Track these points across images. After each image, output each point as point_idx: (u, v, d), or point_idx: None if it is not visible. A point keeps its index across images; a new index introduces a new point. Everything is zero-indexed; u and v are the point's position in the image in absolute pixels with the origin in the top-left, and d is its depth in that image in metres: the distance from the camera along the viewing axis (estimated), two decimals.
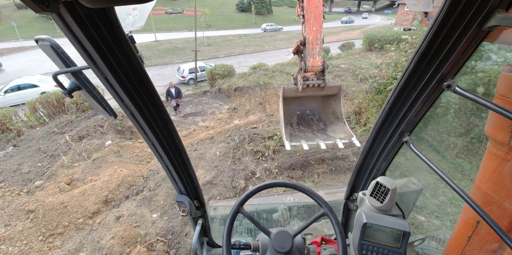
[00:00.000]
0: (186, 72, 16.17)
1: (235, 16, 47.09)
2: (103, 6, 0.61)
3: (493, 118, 1.04)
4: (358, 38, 31.52)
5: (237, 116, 10.07)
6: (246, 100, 11.23)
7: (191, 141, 8.14)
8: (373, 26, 42.58)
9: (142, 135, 1.05)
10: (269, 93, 10.91)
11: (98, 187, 5.53)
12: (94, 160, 6.56)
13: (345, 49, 19.93)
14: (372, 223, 1.16)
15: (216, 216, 1.84)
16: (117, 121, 8.38)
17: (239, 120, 9.28)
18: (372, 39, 16.93)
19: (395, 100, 1.09)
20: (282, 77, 12.17)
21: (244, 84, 11.92)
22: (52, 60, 0.81)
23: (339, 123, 4.62)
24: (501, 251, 1.07)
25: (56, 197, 5.30)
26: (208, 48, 27.93)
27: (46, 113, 9.09)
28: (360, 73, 11.56)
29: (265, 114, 9.66)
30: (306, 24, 3.81)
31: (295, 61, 14.89)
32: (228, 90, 12.19)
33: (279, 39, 33.15)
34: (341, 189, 4.23)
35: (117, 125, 8.30)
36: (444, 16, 0.76)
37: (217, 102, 12.21)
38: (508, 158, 0.98)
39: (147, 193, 5.43)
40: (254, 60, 22.35)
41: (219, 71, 13.28)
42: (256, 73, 12.93)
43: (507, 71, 0.92)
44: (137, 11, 0.87)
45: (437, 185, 2.46)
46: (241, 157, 6.12)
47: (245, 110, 10.40)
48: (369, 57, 15.36)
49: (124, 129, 8.44)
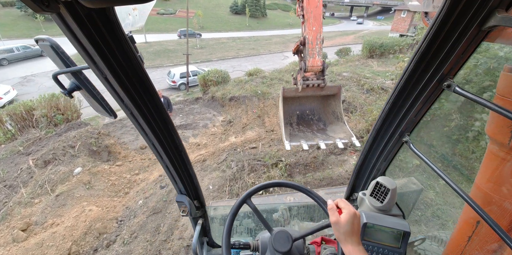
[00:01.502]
0: (177, 76, 15.13)
1: (228, 18, 46.68)
2: (103, 6, 0.61)
3: (493, 118, 1.04)
4: (353, 43, 31.34)
5: (233, 131, 8.92)
6: (243, 112, 10.01)
7: None
8: (366, 31, 42.78)
9: (142, 134, 1.05)
10: (267, 104, 9.82)
11: (60, 235, 4.47)
12: (58, 195, 5.31)
13: (342, 55, 19.67)
14: (372, 223, 1.16)
15: (216, 216, 1.85)
16: (92, 140, 7.08)
17: (236, 138, 8.26)
18: (373, 46, 16.63)
19: (395, 100, 1.09)
20: (281, 86, 10.66)
21: (240, 93, 10.71)
22: (52, 60, 0.81)
23: (339, 123, 4.62)
24: (501, 251, 1.07)
25: (7, 250, 4.25)
26: (201, 51, 27.20)
27: (15, 127, 7.99)
28: (366, 83, 10.68)
29: (264, 129, 8.66)
30: (305, 24, 3.81)
31: (293, 67, 14.07)
32: (222, 99, 11.03)
33: (274, 43, 32.72)
34: (341, 189, 4.24)
35: (92, 145, 6.99)
36: (444, 16, 0.76)
37: (210, 111, 11.02)
38: (508, 158, 0.98)
39: (119, 247, 4.43)
40: (249, 64, 21.87)
41: (213, 77, 12.13)
42: (253, 81, 11.81)
43: (507, 71, 0.92)
44: (137, 11, 0.87)
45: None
46: (239, 193, 5.12)
47: (242, 124, 9.27)
48: (370, 65, 14.81)
49: (100, 149, 7.11)
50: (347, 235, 0.84)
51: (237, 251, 1.45)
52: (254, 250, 1.17)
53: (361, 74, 11.89)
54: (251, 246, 1.17)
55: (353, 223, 0.85)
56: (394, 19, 30.46)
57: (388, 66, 14.21)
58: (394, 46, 16.88)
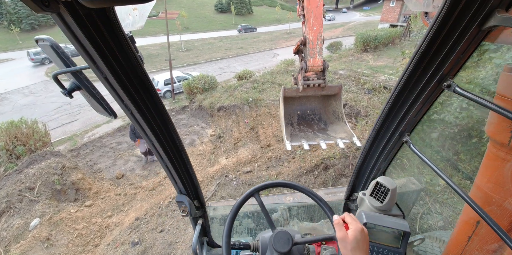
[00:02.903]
0: (161, 84, 14.04)
1: (214, 17, 45.96)
2: (103, 6, 0.61)
3: (493, 118, 1.04)
4: (342, 35, 30.60)
5: (224, 149, 7.88)
6: (234, 123, 8.90)
7: (157, 200, 5.64)
8: (354, 23, 42.08)
9: (142, 134, 1.05)
10: (261, 113, 8.64)
11: None
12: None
13: (334, 49, 18.91)
14: (372, 223, 1.16)
15: (216, 216, 1.85)
16: (55, 177, 5.71)
17: (227, 158, 7.25)
18: (367, 39, 15.88)
19: (395, 100, 1.09)
20: (274, 91, 9.80)
21: (229, 102, 9.53)
22: (52, 60, 0.82)
23: (340, 123, 4.62)
24: (501, 251, 1.07)
25: None
26: (187, 53, 25.98)
27: None
28: (366, 81, 9.59)
29: (259, 145, 7.61)
30: (306, 24, 3.81)
31: (285, 68, 13.13)
32: (210, 109, 9.93)
33: (262, 41, 31.86)
34: (341, 189, 4.22)
35: (55, 183, 5.69)
36: (444, 16, 0.76)
37: (198, 123, 9.96)
38: (508, 158, 0.98)
39: None
40: (238, 64, 21.11)
41: (199, 84, 11.04)
42: (243, 86, 10.55)
43: (507, 71, 0.92)
44: (137, 11, 0.87)
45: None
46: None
47: (233, 139, 8.23)
48: (366, 60, 14.06)
49: (65, 187, 5.80)
50: (354, 252, 0.81)
51: (237, 251, 1.45)
52: (254, 250, 1.17)
53: (359, 72, 10.88)
54: (251, 246, 1.17)
55: (360, 239, 0.82)
56: (383, 9, 29.19)
57: (385, 60, 13.57)
58: (390, 37, 16.33)
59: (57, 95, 15.61)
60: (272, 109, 8.69)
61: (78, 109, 13.40)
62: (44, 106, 14.34)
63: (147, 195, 6.24)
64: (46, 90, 16.93)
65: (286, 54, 23.05)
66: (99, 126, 11.18)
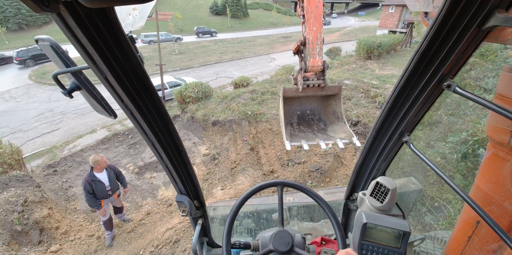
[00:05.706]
0: None
1: (209, 19, 44.99)
2: (103, 6, 0.61)
3: (493, 118, 1.04)
4: (339, 40, 30.10)
5: (219, 176, 6.75)
6: (231, 141, 7.88)
7: (136, 246, 4.86)
8: (350, 28, 41.99)
9: (142, 134, 1.05)
10: (261, 129, 7.66)
11: None
12: None
13: (333, 55, 18.57)
14: (372, 223, 1.16)
15: (216, 216, 1.85)
16: (15, 215, 4.75)
17: (223, 189, 6.26)
18: (370, 46, 15.48)
19: (395, 100, 1.09)
20: (275, 103, 8.68)
21: (225, 116, 8.37)
22: (52, 60, 0.82)
23: (340, 123, 4.63)
24: (501, 251, 1.07)
25: None
26: (180, 56, 24.85)
27: None
28: (377, 94, 8.60)
29: (261, 171, 6.61)
30: (306, 24, 3.81)
31: (286, 76, 12.29)
32: (204, 121, 8.81)
33: (258, 44, 31.01)
34: (341, 189, 4.23)
35: (14, 223, 4.72)
36: (444, 16, 0.76)
37: (190, 137, 8.79)
38: (508, 158, 0.98)
39: None
40: (234, 69, 20.36)
41: (191, 93, 9.81)
42: (240, 97, 9.47)
43: (507, 71, 0.92)
44: (137, 11, 0.87)
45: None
46: None
47: (230, 161, 7.17)
48: (370, 68, 13.38)
49: (27, 228, 4.81)
50: None
51: (237, 251, 1.45)
52: (254, 250, 1.17)
53: (366, 82, 10.03)
54: (251, 246, 1.17)
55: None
56: (382, 15, 28.76)
57: (390, 69, 13.12)
58: (393, 44, 16.00)
59: (39, 101, 14.41)
60: (274, 125, 7.85)
61: (61, 117, 12.21)
62: (24, 113, 12.96)
63: (125, 239, 5.17)
64: (28, 95, 15.50)
65: (284, 58, 22.62)
66: (82, 137, 10.14)
